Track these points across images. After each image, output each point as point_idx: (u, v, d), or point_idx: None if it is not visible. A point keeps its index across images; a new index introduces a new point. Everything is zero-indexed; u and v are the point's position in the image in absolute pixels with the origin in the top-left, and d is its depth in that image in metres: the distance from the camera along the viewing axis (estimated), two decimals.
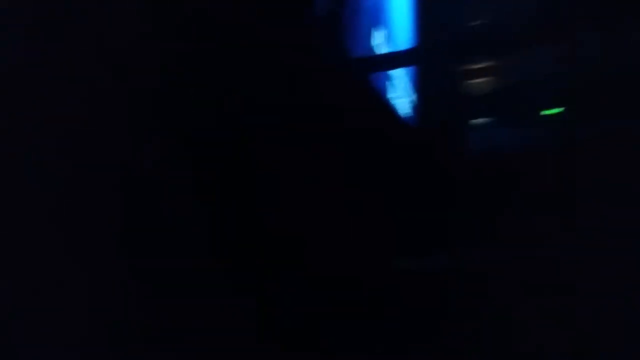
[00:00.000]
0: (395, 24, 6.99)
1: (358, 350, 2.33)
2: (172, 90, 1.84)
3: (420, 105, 7.67)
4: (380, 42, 5.88)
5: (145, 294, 1.63)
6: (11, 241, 1.31)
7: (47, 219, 1.40)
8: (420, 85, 7.78)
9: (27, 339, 1.30)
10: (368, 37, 5.33)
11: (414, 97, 7.52)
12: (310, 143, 2.51)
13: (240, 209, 2.07)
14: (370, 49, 5.40)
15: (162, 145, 1.78)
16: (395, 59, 4.86)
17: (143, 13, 1.74)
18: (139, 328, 1.58)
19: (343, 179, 2.78)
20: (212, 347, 1.79)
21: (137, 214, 1.65)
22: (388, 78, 6.28)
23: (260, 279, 2.04)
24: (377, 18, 5.96)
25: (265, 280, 2.06)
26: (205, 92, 1.93)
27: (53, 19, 1.46)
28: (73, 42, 1.50)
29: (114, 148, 1.60)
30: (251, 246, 2.06)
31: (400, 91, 6.92)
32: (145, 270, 1.64)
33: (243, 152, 2.08)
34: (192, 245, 1.82)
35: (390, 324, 2.56)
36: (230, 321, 1.89)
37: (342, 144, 2.83)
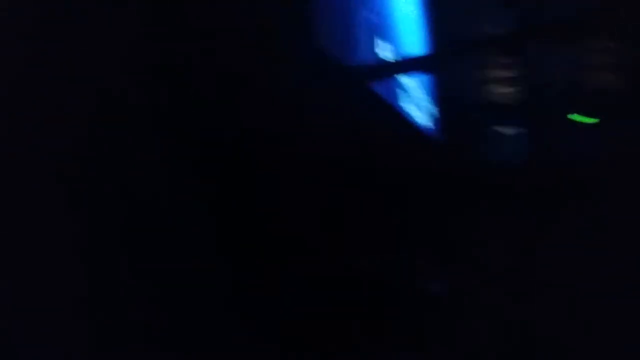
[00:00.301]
0: (406, 27, 6.05)
1: (358, 351, 2.32)
2: (173, 91, 1.84)
3: (437, 115, 6.65)
4: (389, 48, 5.15)
5: (145, 294, 1.63)
6: (11, 241, 1.31)
7: (47, 218, 1.40)
8: (437, 94, 6.69)
9: (27, 339, 1.30)
10: (374, 42, 4.74)
11: (430, 106, 6.52)
12: (315, 148, 2.47)
13: (241, 208, 2.07)
14: (378, 55, 4.80)
15: (163, 145, 1.78)
16: (406, 66, 4.54)
17: (144, 13, 1.74)
18: (139, 328, 1.58)
19: (352, 190, 2.74)
20: (212, 347, 1.79)
21: (137, 213, 1.65)
22: (400, 87, 5.45)
23: (260, 279, 2.04)
24: (385, 21, 5.53)
25: (265, 280, 2.06)
26: (203, 94, 1.93)
27: (53, 19, 1.46)
28: (73, 42, 1.51)
29: (113, 148, 1.60)
30: (252, 246, 2.06)
31: (415, 100, 6.04)
32: (146, 270, 1.64)
33: (243, 154, 2.08)
34: (192, 245, 1.82)
35: (389, 325, 2.56)
36: (230, 321, 1.89)
37: (347, 152, 2.76)
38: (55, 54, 1.45)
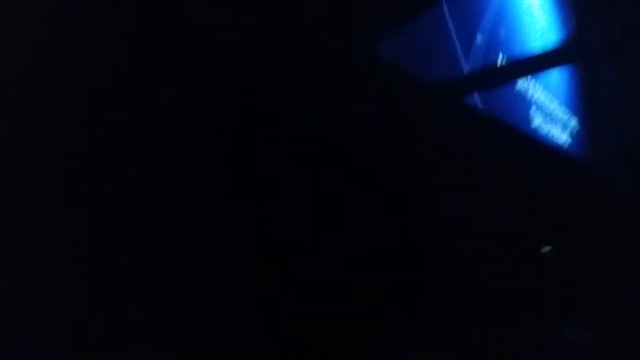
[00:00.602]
0: (533, 38, 4.51)
1: (358, 351, 2.32)
2: (185, 91, 1.83)
3: (583, 133, 5.07)
4: (512, 62, 3.87)
5: (146, 294, 1.63)
6: (12, 241, 1.31)
7: (48, 218, 1.40)
8: (582, 105, 5.13)
9: (27, 339, 1.30)
10: (487, 46, 3.65)
11: (572, 122, 5.01)
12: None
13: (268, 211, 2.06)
14: (490, 59, 3.74)
15: (164, 144, 1.78)
16: (533, 67, 3.58)
17: (147, 13, 1.74)
18: (139, 328, 1.58)
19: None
20: (212, 347, 1.79)
21: (137, 214, 1.65)
22: (529, 99, 4.22)
23: (260, 279, 2.04)
24: (511, 34, 4.01)
25: (266, 280, 2.05)
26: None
27: (53, 19, 1.46)
28: (73, 42, 1.50)
29: (113, 148, 1.60)
30: (254, 246, 2.05)
31: (550, 115, 4.60)
32: (146, 270, 1.64)
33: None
34: (192, 245, 1.82)
35: (390, 325, 2.56)
36: (230, 321, 1.89)
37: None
38: (55, 54, 1.45)
